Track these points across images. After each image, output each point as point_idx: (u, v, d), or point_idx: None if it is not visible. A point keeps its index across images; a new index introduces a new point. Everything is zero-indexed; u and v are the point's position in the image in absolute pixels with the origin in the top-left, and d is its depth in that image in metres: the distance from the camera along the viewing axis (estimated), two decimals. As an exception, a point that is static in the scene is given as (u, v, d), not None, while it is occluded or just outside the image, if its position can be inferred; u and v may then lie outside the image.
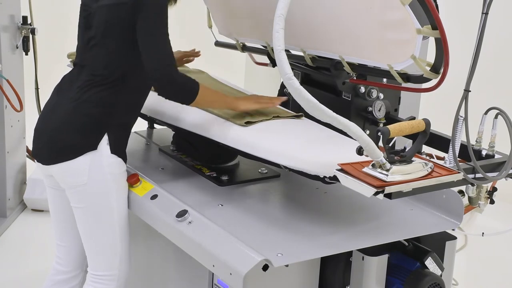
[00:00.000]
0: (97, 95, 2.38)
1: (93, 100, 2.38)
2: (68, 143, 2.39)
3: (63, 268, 2.71)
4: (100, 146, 2.38)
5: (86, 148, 2.37)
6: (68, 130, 2.39)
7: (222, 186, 2.54)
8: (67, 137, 2.39)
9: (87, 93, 2.39)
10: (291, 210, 2.43)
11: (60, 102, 2.45)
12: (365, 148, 1.96)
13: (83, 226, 2.50)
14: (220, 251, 2.11)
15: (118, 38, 2.37)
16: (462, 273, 3.62)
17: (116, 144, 2.41)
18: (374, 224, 2.34)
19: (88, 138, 2.38)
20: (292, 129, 2.47)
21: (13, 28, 4.27)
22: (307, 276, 2.25)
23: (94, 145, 2.37)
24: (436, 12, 2.14)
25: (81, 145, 2.37)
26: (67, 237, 2.67)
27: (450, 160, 2.24)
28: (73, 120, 2.39)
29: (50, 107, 2.48)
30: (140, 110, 2.54)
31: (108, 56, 2.39)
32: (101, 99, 2.38)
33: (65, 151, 2.39)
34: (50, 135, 2.42)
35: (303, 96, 1.91)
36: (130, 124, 2.50)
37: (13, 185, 4.44)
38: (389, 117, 2.63)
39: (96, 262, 2.53)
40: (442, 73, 2.19)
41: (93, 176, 2.38)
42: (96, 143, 2.37)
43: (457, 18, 4.55)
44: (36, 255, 4.01)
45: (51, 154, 2.42)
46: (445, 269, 2.31)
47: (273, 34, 1.90)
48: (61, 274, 2.71)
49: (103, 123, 2.38)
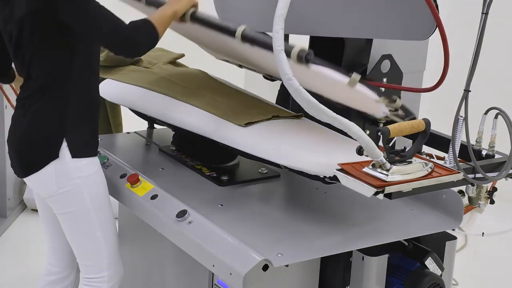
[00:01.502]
0: (46, 103, 2.35)
1: (43, 109, 2.36)
2: (31, 156, 2.39)
3: (54, 268, 2.73)
4: (61, 153, 2.35)
5: (48, 158, 2.35)
6: (28, 144, 2.39)
7: (222, 186, 2.54)
8: (29, 150, 2.39)
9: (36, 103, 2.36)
10: (291, 210, 2.43)
11: (19, 116, 2.42)
12: (365, 148, 1.96)
13: (67, 232, 2.51)
14: (220, 251, 2.11)
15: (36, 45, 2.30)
16: (462, 273, 3.61)
17: (77, 147, 2.37)
18: (374, 224, 2.34)
19: (48, 148, 2.36)
20: (292, 129, 2.47)
21: (13, 28, 4.27)
22: (307, 276, 2.25)
23: (55, 154, 2.35)
24: (436, 12, 2.15)
25: (42, 156, 2.36)
26: (54, 239, 2.69)
27: (450, 160, 2.24)
28: (31, 134, 2.38)
29: (14, 121, 2.45)
30: (96, 103, 2.47)
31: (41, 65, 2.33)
32: (50, 106, 2.35)
33: (30, 164, 2.39)
34: (15, 150, 2.43)
35: (303, 96, 1.91)
36: (89, 121, 2.44)
37: (13, 185, 4.44)
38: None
39: (84, 266, 2.55)
40: (442, 73, 2.20)
41: (61, 184, 2.38)
42: (57, 151, 2.35)
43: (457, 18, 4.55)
44: (36, 255, 4.00)
45: (20, 168, 2.44)
46: (445, 269, 2.31)
47: (273, 34, 1.90)
48: (53, 275, 2.74)
49: (59, 130, 2.36)
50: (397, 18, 2.40)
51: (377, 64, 2.66)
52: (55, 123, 2.36)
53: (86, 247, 2.50)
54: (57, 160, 2.35)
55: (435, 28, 2.24)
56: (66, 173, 2.37)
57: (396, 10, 2.38)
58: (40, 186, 2.42)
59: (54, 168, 2.36)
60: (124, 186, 2.53)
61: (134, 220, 2.75)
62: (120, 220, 3.04)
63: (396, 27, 2.45)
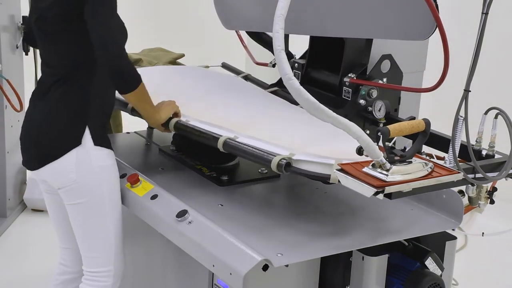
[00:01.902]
0: (69, 90, 2.39)
1: (67, 96, 2.39)
2: (52, 143, 2.39)
3: (69, 269, 2.72)
4: (83, 140, 2.37)
5: (70, 145, 2.37)
6: (50, 130, 2.40)
7: (222, 186, 2.54)
8: (50, 137, 2.40)
9: (58, 90, 2.39)
10: (291, 210, 2.43)
11: (38, 105, 2.46)
12: (365, 148, 1.96)
13: (77, 223, 2.50)
14: (220, 251, 2.11)
15: (69, 32, 2.36)
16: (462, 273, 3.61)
17: (98, 135, 2.41)
18: (374, 224, 2.34)
19: (71, 134, 2.38)
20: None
21: (13, 28, 4.27)
22: (307, 276, 2.25)
23: (78, 140, 2.37)
24: (436, 12, 2.15)
25: (64, 143, 2.38)
26: (70, 239, 2.66)
27: (450, 160, 2.24)
28: (53, 120, 2.40)
29: (30, 113, 2.49)
30: (113, 95, 2.52)
31: (66, 50, 2.38)
32: (74, 94, 2.39)
33: (50, 152, 2.39)
34: (33, 139, 2.44)
35: (303, 96, 1.91)
36: (107, 113, 2.50)
37: (13, 185, 4.44)
38: (389, 117, 2.63)
39: (91, 259, 2.53)
40: (442, 73, 2.20)
41: (81, 172, 2.38)
42: (80, 138, 2.37)
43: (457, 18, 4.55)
44: (36, 255, 4.01)
45: (37, 158, 2.43)
46: (445, 269, 2.31)
47: (273, 34, 1.91)
48: (68, 274, 2.73)
49: (82, 116, 2.38)
50: (397, 18, 2.41)
51: (377, 64, 2.67)
52: (78, 109, 2.38)
53: (96, 237, 2.49)
54: (79, 147, 2.37)
55: (435, 28, 2.24)
56: (88, 161, 2.38)
57: (396, 10, 2.38)
58: (57, 175, 2.41)
59: (76, 155, 2.37)
60: (124, 186, 2.53)
61: (134, 220, 2.75)
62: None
63: (396, 27, 2.45)
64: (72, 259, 2.71)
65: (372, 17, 2.47)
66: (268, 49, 3.14)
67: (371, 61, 2.69)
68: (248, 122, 2.48)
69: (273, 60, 3.11)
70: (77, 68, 2.39)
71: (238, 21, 3.09)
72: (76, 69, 2.39)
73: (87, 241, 2.52)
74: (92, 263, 2.53)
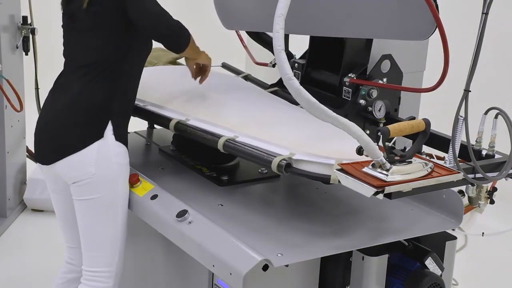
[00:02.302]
0: (94, 83, 2.39)
1: (91, 89, 2.39)
2: (73, 135, 2.38)
3: (77, 267, 2.68)
4: (106, 134, 2.37)
5: (92, 138, 2.36)
6: (71, 123, 2.38)
7: (222, 186, 2.54)
8: (70, 130, 2.38)
9: (82, 83, 2.39)
10: (291, 210, 2.43)
11: (59, 99, 2.44)
12: (365, 148, 1.96)
13: (85, 220, 2.47)
14: (220, 251, 2.11)
15: (105, 26, 2.37)
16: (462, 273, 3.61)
17: (120, 132, 2.41)
18: (374, 224, 2.34)
19: (94, 126, 2.37)
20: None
21: (13, 28, 4.27)
22: (307, 276, 2.25)
23: (101, 133, 2.36)
24: (436, 12, 2.15)
25: (86, 135, 2.36)
26: (77, 239, 2.61)
27: (450, 160, 2.24)
28: (76, 111, 2.39)
29: (49, 106, 2.47)
30: (136, 95, 2.54)
31: (98, 45, 2.39)
32: (98, 87, 2.39)
33: (70, 144, 2.37)
34: (52, 131, 2.42)
35: (303, 96, 1.91)
36: (129, 111, 2.51)
37: (13, 185, 4.44)
38: (389, 117, 2.63)
39: (94, 258, 2.50)
40: (442, 73, 2.20)
41: (100, 166, 2.37)
42: (102, 131, 2.37)
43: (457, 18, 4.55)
44: (36, 255, 4.00)
45: (55, 150, 2.40)
46: (445, 269, 2.31)
47: (273, 34, 1.91)
48: (75, 273, 2.70)
49: (105, 111, 2.38)
50: (397, 18, 2.41)
51: (377, 64, 2.67)
52: (103, 103, 2.39)
53: (103, 236, 2.46)
54: (101, 141, 2.36)
55: (435, 28, 2.24)
56: (108, 156, 2.37)
57: (396, 10, 2.38)
58: (76, 168, 2.38)
59: (98, 148, 2.36)
60: (124, 186, 2.53)
61: (134, 220, 2.74)
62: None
63: (396, 27, 2.45)
64: (79, 258, 2.66)
65: (372, 17, 2.47)
66: (268, 49, 3.14)
67: (371, 61, 2.69)
68: (248, 122, 2.48)
69: (273, 60, 3.11)
70: (105, 64, 2.39)
71: (238, 21, 3.09)
72: (105, 64, 2.39)
73: (93, 239, 2.49)
74: (94, 262, 2.50)
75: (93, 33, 2.39)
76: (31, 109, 4.53)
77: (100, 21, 2.37)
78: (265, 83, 3.11)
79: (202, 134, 2.46)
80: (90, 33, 2.40)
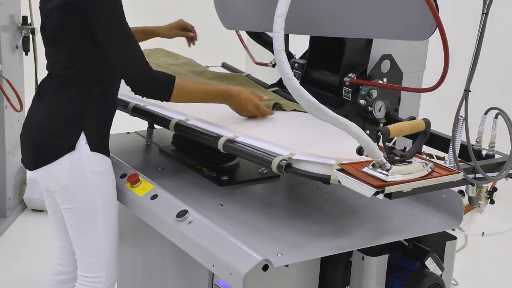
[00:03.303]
0: (66, 94, 2.38)
1: (64, 100, 2.38)
2: (46, 147, 2.39)
3: (65, 268, 2.71)
4: (78, 145, 2.36)
5: (64, 150, 2.36)
6: (45, 134, 2.39)
7: (222, 186, 2.54)
8: (44, 141, 2.39)
9: (57, 94, 2.39)
10: (291, 210, 2.43)
11: (37, 107, 2.46)
12: (365, 148, 1.96)
13: (70, 227, 2.50)
14: (220, 251, 2.11)
15: (73, 38, 2.34)
16: (462, 273, 3.62)
17: (95, 141, 2.39)
18: (374, 224, 2.34)
19: (65, 139, 2.37)
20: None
21: (13, 28, 4.27)
22: (307, 276, 2.25)
23: (72, 146, 2.36)
24: (436, 12, 2.15)
25: (58, 147, 2.37)
26: (67, 238, 2.66)
27: (450, 160, 2.24)
28: (48, 123, 2.39)
29: (30, 113, 2.49)
30: (115, 101, 2.52)
31: (67, 56, 2.37)
32: (71, 98, 2.37)
33: (44, 155, 2.38)
34: (30, 140, 2.44)
35: (303, 96, 1.91)
36: (107, 118, 2.47)
37: (13, 185, 4.44)
38: (389, 117, 2.63)
39: (84, 263, 2.53)
40: (442, 73, 2.20)
41: (73, 177, 2.37)
42: (74, 143, 2.36)
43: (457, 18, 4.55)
44: (36, 255, 4.01)
45: (33, 159, 2.43)
46: (445, 269, 2.31)
47: (273, 34, 1.91)
48: (63, 274, 2.72)
49: (77, 122, 2.37)
50: (397, 18, 2.41)
51: (377, 64, 2.67)
52: (75, 114, 2.37)
53: (87, 243, 2.49)
54: (73, 153, 2.36)
55: (435, 28, 2.24)
56: (81, 166, 2.37)
57: (396, 10, 2.38)
58: (50, 178, 2.41)
59: (69, 160, 2.36)
60: (124, 186, 2.53)
61: (134, 220, 2.75)
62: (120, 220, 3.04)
63: (396, 27, 2.45)
64: (68, 259, 2.71)
65: (372, 17, 2.47)
66: (268, 49, 3.14)
67: (371, 61, 2.69)
68: (248, 122, 2.48)
69: (273, 60, 3.11)
70: (77, 73, 2.37)
71: (238, 21, 3.09)
72: (76, 74, 2.37)
73: (80, 245, 2.51)
74: (85, 267, 2.52)
75: (61, 41, 2.37)
76: (31, 109, 4.53)
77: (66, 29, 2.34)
78: (265, 83, 3.11)
79: (202, 134, 2.46)
80: (59, 40, 2.38)
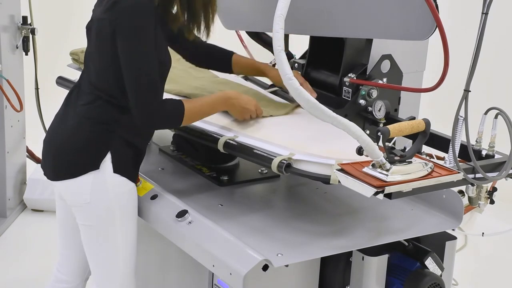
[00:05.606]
0: (97, 110, 2.31)
1: (94, 116, 2.31)
2: (70, 161, 2.33)
3: (63, 276, 2.64)
4: (102, 165, 2.30)
5: (88, 167, 2.30)
6: (71, 148, 2.33)
7: (222, 186, 2.54)
8: (69, 155, 2.33)
9: (88, 107, 2.32)
10: (291, 210, 2.43)
11: (66, 116, 2.38)
12: (365, 148, 1.96)
13: (87, 244, 2.43)
14: (220, 251, 2.11)
15: (109, 53, 2.26)
16: (462, 273, 3.62)
17: (120, 163, 2.32)
18: (374, 224, 2.34)
19: (90, 157, 2.30)
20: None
21: (13, 28, 4.27)
22: (307, 276, 2.25)
23: (97, 165, 2.29)
24: (436, 12, 2.15)
25: (83, 164, 2.31)
26: (69, 246, 2.60)
27: (450, 160, 2.24)
28: (76, 138, 2.32)
29: (58, 120, 2.41)
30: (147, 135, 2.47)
31: (103, 71, 2.30)
32: (101, 114, 2.31)
33: (67, 169, 2.33)
34: (54, 152, 2.37)
35: (303, 96, 1.91)
36: (136, 143, 2.38)
37: (13, 185, 4.44)
38: (389, 117, 2.63)
39: (97, 280, 2.46)
40: (442, 73, 2.20)
41: (95, 196, 2.31)
42: (98, 162, 2.29)
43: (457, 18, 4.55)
44: (36, 255, 4.00)
45: (55, 171, 2.37)
46: (445, 269, 2.31)
47: (273, 34, 1.91)
48: (62, 283, 2.65)
49: (105, 141, 2.30)
50: (397, 18, 2.41)
51: (377, 64, 2.67)
52: (103, 133, 2.30)
53: (103, 262, 2.41)
54: (97, 172, 2.29)
55: (435, 28, 2.24)
56: (104, 185, 2.30)
57: (396, 10, 2.38)
58: (72, 193, 2.35)
59: (93, 178, 2.30)
60: (124, 186, 2.52)
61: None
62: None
63: (396, 27, 2.45)
64: (67, 266, 2.64)
65: (372, 17, 2.48)
66: (268, 49, 3.14)
67: (371, 61, 2.69)
68: (248, 122, 2.48)
69: (273, 60, 3.11)
70: (111, 91, 2.30)
71: (238, 21, 3.09)
72: (110, 93, 2.30)
73: (95, 263, 2.44)
74: (98, 283, 2.46)
75: (97, 57, 2.31)
76: (31, 109, 4.53)
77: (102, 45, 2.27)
78: (265, 83, 3.11)
79: (202, 134, 2.46)
80: (95, 55, 2.31)
